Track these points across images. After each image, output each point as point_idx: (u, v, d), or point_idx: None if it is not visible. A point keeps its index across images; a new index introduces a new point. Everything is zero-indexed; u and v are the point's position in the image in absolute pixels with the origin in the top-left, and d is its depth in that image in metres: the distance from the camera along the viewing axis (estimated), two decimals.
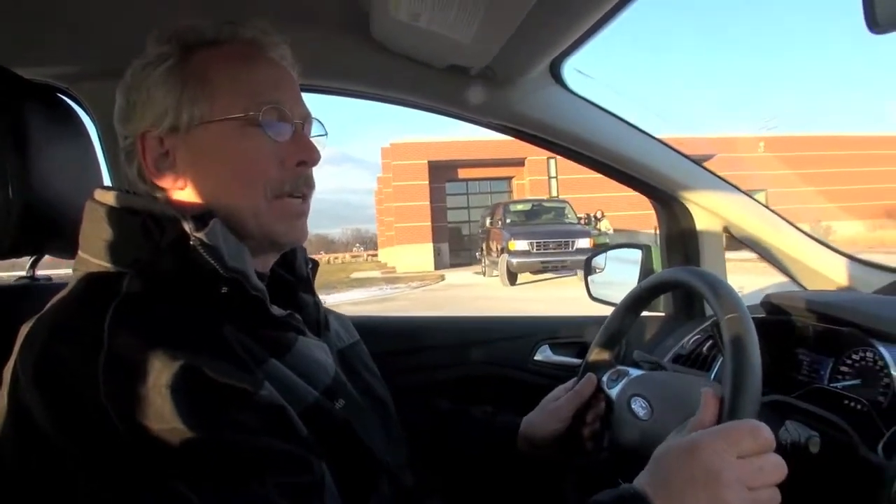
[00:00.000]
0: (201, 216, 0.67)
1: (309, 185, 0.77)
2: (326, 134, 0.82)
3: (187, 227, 0.66)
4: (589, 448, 0.93)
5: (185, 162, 0.72)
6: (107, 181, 1.21)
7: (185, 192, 0.73)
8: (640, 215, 17.36)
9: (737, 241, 1.39)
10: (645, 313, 1.49)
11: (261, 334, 0.67)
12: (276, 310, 0.71)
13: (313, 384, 0.69)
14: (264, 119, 0.72)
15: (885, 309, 0.97)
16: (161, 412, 0.55)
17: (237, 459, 0.56)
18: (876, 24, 0.55)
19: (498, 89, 1.22)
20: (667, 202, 1.43)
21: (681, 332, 1.28)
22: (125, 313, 0.60)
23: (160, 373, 0.56)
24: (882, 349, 0.86)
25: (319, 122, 0.81)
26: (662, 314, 1.49)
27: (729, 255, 1.43)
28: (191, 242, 0.65)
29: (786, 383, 0.99)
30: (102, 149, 1.30)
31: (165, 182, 0.73)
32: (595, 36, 1.04)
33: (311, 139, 0.79)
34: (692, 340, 1.21)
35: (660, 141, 1.34)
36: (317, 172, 0.79)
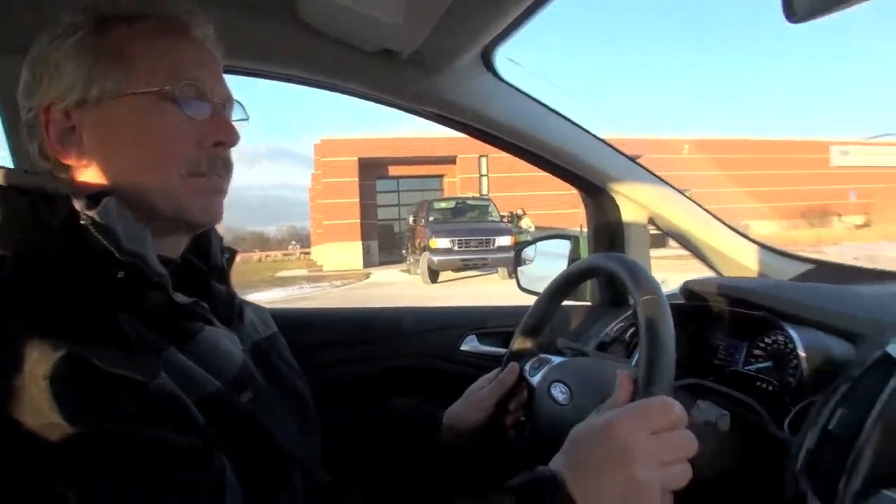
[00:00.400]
0: (97, 194, 0.63)
1: (227, 167, 0.74)
2: (248, 118, 0.79)
3: (78, 205, 0.61)
4: (511, 436, 0.94)
5: (93, 138, 0.68)
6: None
7: (90, 171, 0.69)
8: (567, 214, 17.81)
9: (657, 238, 1.44)
10: (572, 303, 1.53)
11: (161, 322, 0.63)
12: (179, 297, 0.67)
13: (217, 375, 0.65)
14: (182, 95, 0.69)
15: (796, 293, 1.02)
16: (38, 405, 0.51)
17: (124, 453, 0.52)
18: (793, 13, 0.58)
19: (429, 76, 1.20)
20: (595, 193, 1.45)
21: (605, 320, 1.31)
22: (4, 299, 0.56)
23: (38, 362, 0.52)
24: (792, 332, 0.90)
25: (241, 105, 0.78)
26: (589, 304, 1.52)
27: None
28: (82, 222, 0.60)
29: (703, 368, 1.03)
30: (5, 130, 1.21)
31: (69, 159, 0.69)
32: (526, 23, 1.04)
33: (232, 122, 0.76)
34: (616, 328, 1.24)
35: (590, 133, 1.36)
36: (254, 168, 0.77)
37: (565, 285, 0.97)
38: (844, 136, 30.61)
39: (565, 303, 1.53)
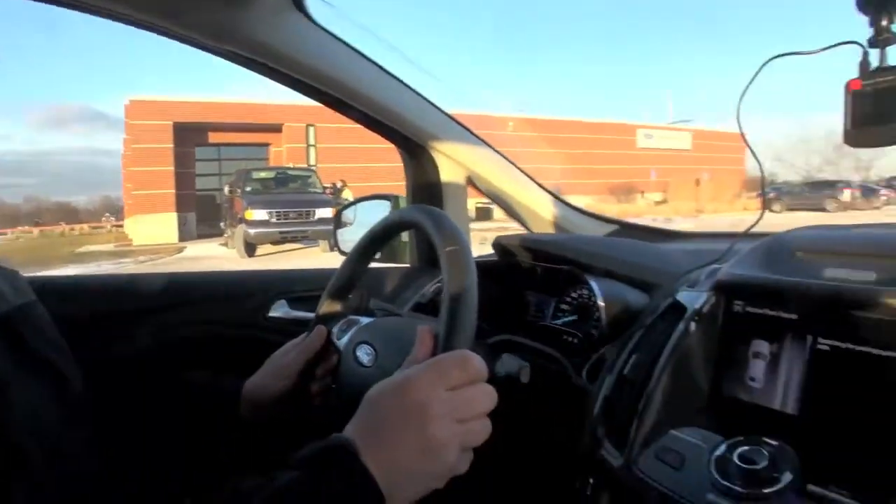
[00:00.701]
0: None
1: None
2: None
3: None
4: (318, 404, 0.87)
5: None
6: None
7: None
8: (396, 187, 17.92)
9: (484, 211, 1.44)
10: (390, 265, 1.49)
11: None
12: None
13: None
14: None
15: (598, 247, 1.07)
16: None
17: None
18: None
19: (229, 9, 1.06)
20: (414, 151, 1.41)
21: (423, 281, 1.28)
22: None
23: None
24: (593, 283, 0.93)
25: None
26: (408, 265, 1.49)
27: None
28: None
29: (516, 324, 1.04)
30: None
31: None
32: None
33: None
34: (433, 288, 1.21)
35: (411, 88, 1.30)
36: (61, 131, 0.59)
37: (372, 243, 0.91)
38: (649, 121, 34.16)
39: (384, 265, 1.49)
